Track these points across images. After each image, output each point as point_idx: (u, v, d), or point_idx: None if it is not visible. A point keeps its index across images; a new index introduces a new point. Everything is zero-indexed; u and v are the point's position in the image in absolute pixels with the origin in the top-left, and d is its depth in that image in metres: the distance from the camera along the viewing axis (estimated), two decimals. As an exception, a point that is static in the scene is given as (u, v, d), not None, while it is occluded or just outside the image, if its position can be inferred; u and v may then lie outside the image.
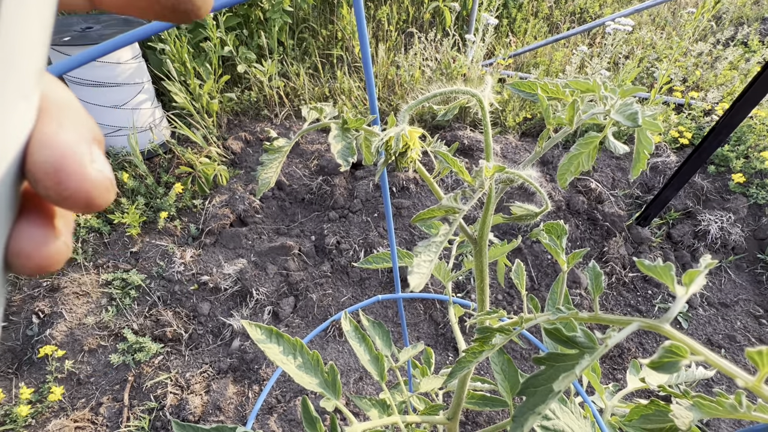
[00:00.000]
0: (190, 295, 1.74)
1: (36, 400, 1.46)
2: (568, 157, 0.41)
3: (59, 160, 0.14)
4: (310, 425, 0.50)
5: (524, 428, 0.24)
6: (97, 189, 0.14)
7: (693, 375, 0.66)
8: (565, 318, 0.29)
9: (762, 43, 3.06)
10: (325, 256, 1.86)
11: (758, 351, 0.20)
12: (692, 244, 1.88)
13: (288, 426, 1.42)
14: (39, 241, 0.15)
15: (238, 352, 1.59)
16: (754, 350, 0.20)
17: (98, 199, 0.14)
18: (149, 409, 1.46)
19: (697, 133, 2.23)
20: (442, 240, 0.24)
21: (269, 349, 0.52)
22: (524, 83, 0.39)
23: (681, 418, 0.31)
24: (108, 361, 1.57)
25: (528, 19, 3.26)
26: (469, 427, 1.44)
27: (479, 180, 0.27)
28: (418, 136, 0.31)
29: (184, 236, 1.95)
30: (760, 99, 1.36)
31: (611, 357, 1.61)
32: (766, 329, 1.67)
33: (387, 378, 0.59)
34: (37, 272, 0.16)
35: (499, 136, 2.32)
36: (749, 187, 2.00)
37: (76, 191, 0.14)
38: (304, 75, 2.51)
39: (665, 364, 0.21)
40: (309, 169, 2.17)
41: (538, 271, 1.80)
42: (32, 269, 0.15)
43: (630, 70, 2.50)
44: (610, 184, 2.09)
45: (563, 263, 0.38)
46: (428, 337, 1.67)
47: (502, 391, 0.61)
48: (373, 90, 0.56)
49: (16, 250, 0.15)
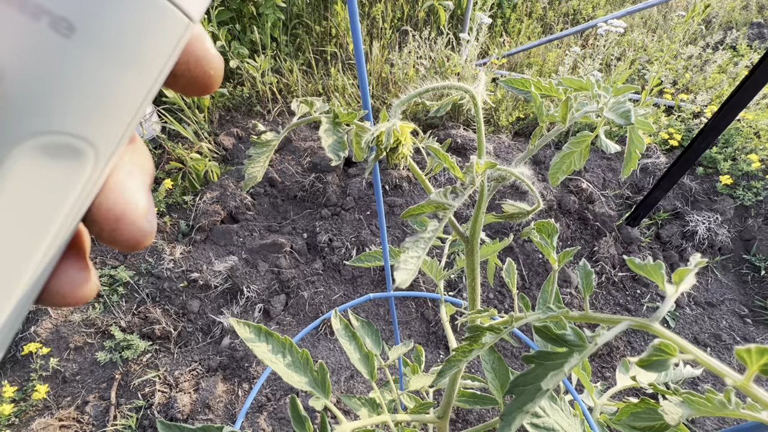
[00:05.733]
0: (179, 293, 1.72)
1: (20, 399, 1.43)
2: (560, 155, 0.40)
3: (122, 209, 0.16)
4: (298, 424, 0.50)
5: (512, 427, 0.24)
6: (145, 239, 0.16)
7: (681, 373, 0.66)
8: (556, 317, 0.28)
9: (750, 48, 3.11)
10: (317, 253, 1.85)
11: (747, 349, 0.19)
12: (680, 244, 1.91)
13: (278, 424, 1.41)
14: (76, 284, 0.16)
15: (227, 350, 1.57)
16: (743, 349, 0.20)
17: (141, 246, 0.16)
18: (137, 408, 1.44)
19: (686, 135, 2.26)
20: (430, 236, 0.24)
21: (258, 347, 0.52)
22: (518, 80, 0.39)
23: (670, 414, 0.31)
24: (95, 359, 1.54)
25: (522, 19, 3.28)
26: (459, 425, 1.44)
27: (470, 176, 0.27)
28: (409, 131, 0.30)
29: (173, 233, 1.93)
30: (747, 102, 1.38)
31: (600, 356, 1.63)
32: (751, 328, 1.70)
33: (377, 376, 0.59)
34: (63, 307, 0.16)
35: (492, 135, 2.32)
36: (736, 188, 2.03)
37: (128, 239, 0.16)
38: (297, 71, 2.50)
39: (654, 363, 0.21)
40: (301, 166, 2.16)
41: (529, 270, 1.82)
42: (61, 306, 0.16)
43: (621, 72, 2.53)
44: (601, 185, 2.11)
45: (554, 262, 0.38)
46: (420, 335, 1.67)
47: (493, 389, 0.61)
48: (366, 87, 0.56)
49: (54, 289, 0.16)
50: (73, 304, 0.16)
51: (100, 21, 0.13)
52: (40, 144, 0.14)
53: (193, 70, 0.17)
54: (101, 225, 0.16)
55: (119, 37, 0.14)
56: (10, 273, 0.14)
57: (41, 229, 0.14)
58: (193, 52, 0.17)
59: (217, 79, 0.18)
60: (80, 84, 0.14)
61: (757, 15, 3.62)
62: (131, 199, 0.16)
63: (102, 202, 0.15)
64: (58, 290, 0.16)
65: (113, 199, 0.16)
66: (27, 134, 0.13)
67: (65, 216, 0.15)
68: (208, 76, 0.18)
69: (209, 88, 0.18)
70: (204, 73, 0.18)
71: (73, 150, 0.14)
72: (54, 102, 0.13)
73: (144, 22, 0.14)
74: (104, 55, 0.14)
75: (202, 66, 0.18)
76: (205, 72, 0.18)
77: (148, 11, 0.14)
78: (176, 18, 0.15)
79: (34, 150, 0.13)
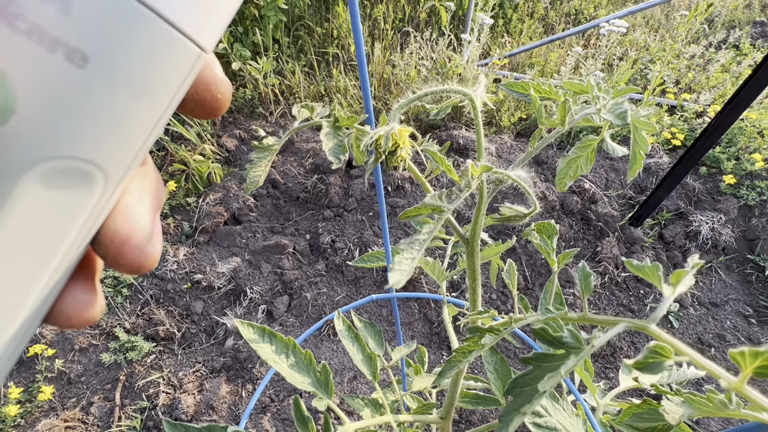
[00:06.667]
0: (183, 294, 1.73)
1: (25, 400, 1.45)
2: (566, 161, 0.40)
3: (128, 233, 0.16)
4: (301, 425, 0.50)
5: (510, 428, 0.24)
6: (148, 263, 0.16)
7: (684, 374, 0.66)
8: (554, 318, 0.29)
9: (753, 47, 3.09)
10: (320, 254, 1.86)
11: (740, 352, 0.20)
12: (684, 244, 1.90)
13: (281, 425, 1.41)
14: (81, 306, 0.16)
15: (231, 351, 1.58)
16: (736, 351, 0.20)
17: (143, 270, 0.16)
18: (141, 409, 1.45)
19: (690, 135, 2.25)
20: (425, 238, 0.24)
21: (261, 348, 0.52)
22: (517, 83, 0.39)
23: (671, 413, 0.32)
24: (99, 360, 1.55)
25: (523, 19, 3.27)
26: (462, 425, 1.44)
27: (465, 179, 0.27)
28: (408, 135, 0.31)
29: (177, 234, 1.94)
30: (751, 101, 1.38)
31: (603, 356, 1.62)
32: (756, 329, 1.69)
33: (380, 377, 0.59)
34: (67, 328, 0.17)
35: (495, 136, 2.32)
36: (740, 188, 2.02)
37: (131, 263, 0.16)
38: (299, 73, 2.50)
39: (650, 365, 0.21)
40: (304, 167, 2.16)
41: (532, 271, 1.81)
42: (65, 327, 0.16)
43: (624, 72, 2.52)
44: (604, 185, 2.10)
45: (553, 263, 0.38)
46: (423, 336, 1.67)
47: (495, 390, 0.61)
48: (367, 89, 0.56)
49: (59, 310, 0.16)
50: (77, 326, 0.17)
51: (114, 52, 0.14)
52: (51, 168, 0.14)
53: (201, 94, 0.18)
54: (106, 248, 0.16)
55: (132, 67, 0.14)
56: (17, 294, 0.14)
57: (49, 252, 0.15)
58: (203, 77, 0.17)
59: (225, 103, 0.19)
60: (92, 112, 0.14)
61: (760, 14, 3.60)
62: (138, 222, 0.16)
63: (110, 225, 0.16)
64: (63, 311, 0.16)
65: (120, 223, 0.16)
66: (39, 159, 0.14)
67: (73, 239, 0.15)
68: (216, 100, 0.18)
69: (217, 111, 0.19)
70: (212, 97, 0.18)
71: (83, 175, 0.15)
72: (66, 129, 0.14)
73: (156, 54, 0.15)
74: (116, 85, 0.14)
75: (210, 90, 0.18)
76: (213, 96, 0.18)
77: (161, 43, 0.15)
78: (188, 49, 0.15)
79: (45, 174, 0.14)
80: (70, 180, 0.14)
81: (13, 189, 0.13)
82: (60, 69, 0.13)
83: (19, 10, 0.12)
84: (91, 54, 0.13)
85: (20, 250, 0.14)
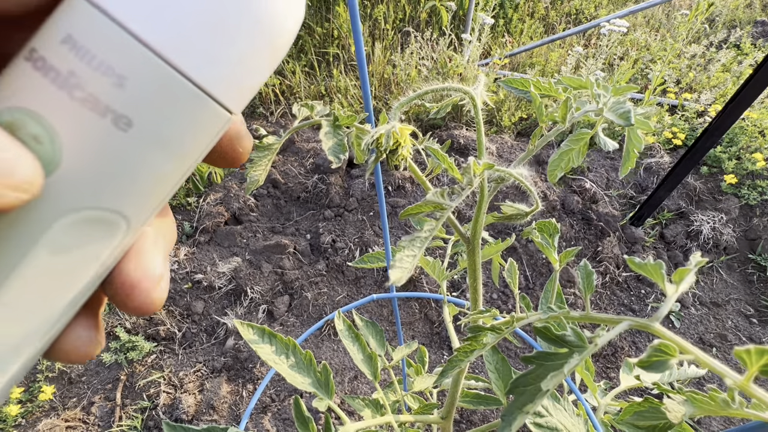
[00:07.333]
0: (183, 294, 1.73)
1: (26, 400, 1.45)
2: (559, 152, 0.40)
3: (139, 278, 0.16)
4: (302, 425, 0.50)
5: (512, 427, 0.24)
6: (152, 308, 0.17)
7: (686, 373, 0.66)
8: (556, 317, 0.28)
9: (754, 46, 3.09)
10: (321, 254, 1.86)
11: (746, 350, 0.19)
12: (685, 244, 1.90)
13: (282, 425, 1.41)
14: (83, 343, 0.17)
15: (232, 351, 1.58)
16: (742, 349, 0.20)
17: (148, 313, 0.17)
18: (142, 409, 1.45)
19: (690, 135, 2.25)
20: (426, 236, 0.24)
21: (261, 349, 0.52)
22: (517, 80, 0.39)
23: (673, 411, 0.31)
24: (100, 359, 1.55)
25: (524, 19, 3.27)
26: (464, 425, 1.44)
27: (468, 177, 0.27)
28: (409, 133, 0.31)
29: (177, 234, 1.94)
30: (752, 101, 1.37)
31: (605, 356, 1.62)
32: (757, 328, 1.69)
33: (381, 377, 0.59)
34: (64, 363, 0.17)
35: (495, 135, 2.32)
36: (741, 188, 2.01)
37: (138, 307, 0.16)
38: (299, 73, 2.50)
39: (654, 363, 0.21)
40: (304, 167, 2.16)
41: (533, 270, 1.81)
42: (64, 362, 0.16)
43: (624, 71, 2.52)
44: (605, 185, 2.10)
45: (555, 262, 0.38)
46: (423, 336, 1.67)
47: (496, 389, 0.61)
48: (367, 88, 0.56)
49: (60, 347, 0.16)
50: (75, 363, 0.17)
51: (155, 119, 0.15)
52: (82, 217, 0.15)
53: (224, 147, 0.19)
54: (116, 290, 0.16)
55: (169, 132, 0.16)
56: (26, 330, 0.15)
57: (65, 292, 0.16)
58: (228, 134, 0.18)
59: (245, 155, 0.20)
60: (128, 170, 0.15)
61: (761, 13, 3.59)
62: (149, 268, 0.16)
63: (122, 269, 0.16)
64: (62, 348, 0.16)
65: (132, 267, 0.16)
66: (73, 209, 0.15)
67: (89, 281, 0.16)
68: (237, 153, 0.19)
69: (236, 162, 0.20)
70: (234, 151, 0.19)
71: (108, 223, 0.16)
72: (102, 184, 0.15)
73: (191, 119, 0.16)
74: (153, 147, 0.16)
75: (233, 145, 0.19)
76: (235, 150, 0.19)
77: (196, 109, 0.16)
78: (219, 113, 0.17)
79: (75, 222, 0.15)
80: (96, 227, 0.15)
81: (44, 233, 0.15)
82: (105, 132, 0.15)
83: (79, 81, 0.14)
84: (135, 120, 0.15)
85: (38, 290, 0.15)
